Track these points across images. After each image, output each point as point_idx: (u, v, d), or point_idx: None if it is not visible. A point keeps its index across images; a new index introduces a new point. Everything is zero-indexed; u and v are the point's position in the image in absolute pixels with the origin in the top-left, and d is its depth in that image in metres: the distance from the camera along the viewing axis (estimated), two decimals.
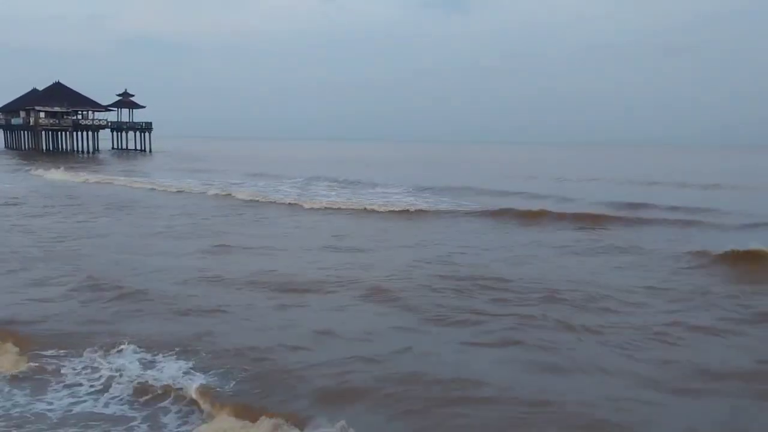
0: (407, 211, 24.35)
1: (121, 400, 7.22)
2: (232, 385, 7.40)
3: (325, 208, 25.63)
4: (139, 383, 7.47)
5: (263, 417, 6.43)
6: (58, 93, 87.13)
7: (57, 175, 42.31)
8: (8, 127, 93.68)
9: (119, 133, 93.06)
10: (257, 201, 28.11)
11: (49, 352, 8.45)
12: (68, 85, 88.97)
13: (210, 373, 7.74)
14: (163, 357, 8.27)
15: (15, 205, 25.77)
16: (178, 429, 6.63)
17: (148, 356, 8.31)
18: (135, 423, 6.69)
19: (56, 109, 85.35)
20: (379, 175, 44.60)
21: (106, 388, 7.46)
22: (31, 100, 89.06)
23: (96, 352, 8.41)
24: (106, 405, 7.10)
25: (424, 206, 25.63)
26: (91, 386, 7.52)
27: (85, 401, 7.19)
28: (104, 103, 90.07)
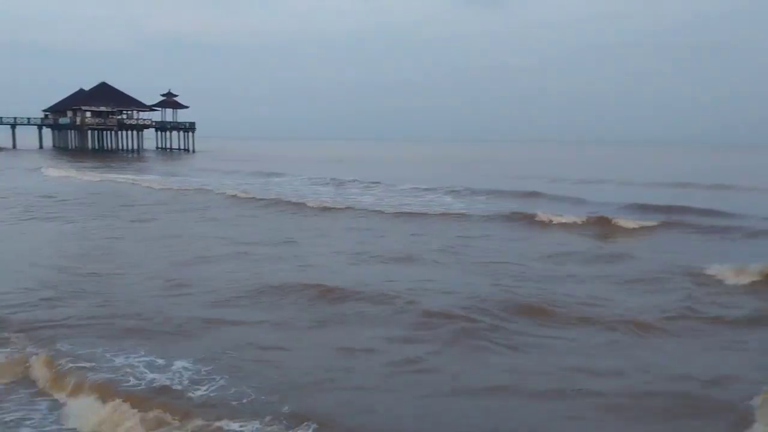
0: (447, 214, 23.42)
1: None
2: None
3: (367, 210, 24.67)
4: None
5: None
6: (104, 93, 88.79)
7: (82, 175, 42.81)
8: (56, 127, 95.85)
9: (163, 133, 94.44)
10: (304, 204, 26.52)
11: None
12: (113, 85, 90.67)
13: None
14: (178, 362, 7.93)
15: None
16: None
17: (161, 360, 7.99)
18: None
19: (102, 108, 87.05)
20: (414, 175, 43.57)
21: None
22: (77, 100, 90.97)
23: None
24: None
25: (461, 209, 24.79)
26: None
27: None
28: (147, 102, 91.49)
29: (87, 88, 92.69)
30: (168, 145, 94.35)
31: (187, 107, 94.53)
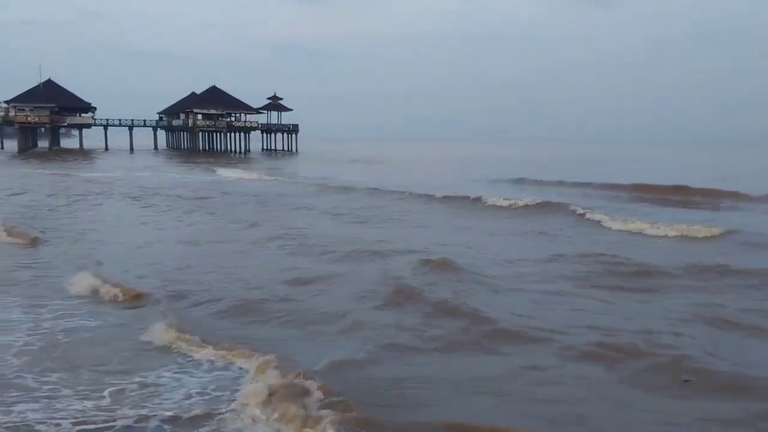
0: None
1: None
2: None
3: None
4: None
5: None
6: (214, 96, 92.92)
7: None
8: (170, 128, 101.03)
9: (268, 135, 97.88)
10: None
11: None
12: (222, 89, 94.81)
13: None
14: None
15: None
16: None
17: None
18: None
19: (212, 111, 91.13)
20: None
21: None
22: (190, 103, 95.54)
23: None
24: None
25: None
26: None
27: None
28: (253, 105, 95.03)
29: (198, 91, 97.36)
30: (272, 147, 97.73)
31: (291, 110, 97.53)
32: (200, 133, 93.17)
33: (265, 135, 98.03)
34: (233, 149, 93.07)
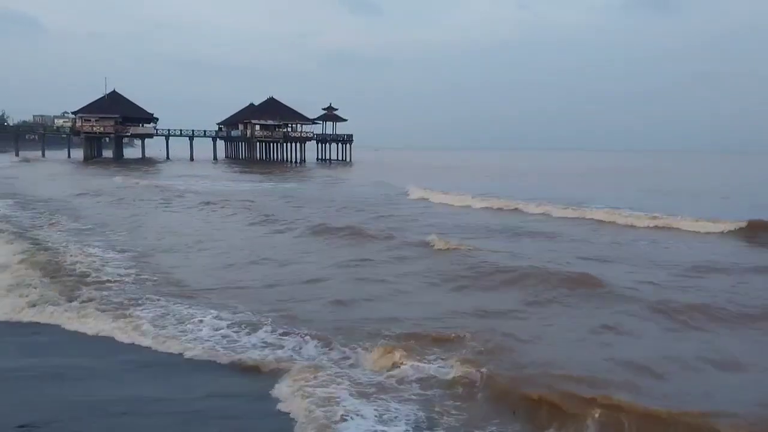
0: None
1: None
2: None
3: None
4: None
5: None
6: (272, 107, 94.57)
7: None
8: (229, 139, 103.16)
9: (323, 145, 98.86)
10: None
11: None
12: (279, 100, 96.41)
13: None
14: None
15: None
16: None
17: None
18: None
19: (269, 122, 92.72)
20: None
21: None
22: (248, 114, 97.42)
23: None
24: None
25: None
26: None
27: None
28: (309, 115, 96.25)
29: (257, 101, 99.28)
30: (327, 156, 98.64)
31: (345, 120, 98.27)
32: (258, 144, 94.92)
33: (320, 145, 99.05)
34: (289, 159, 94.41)
